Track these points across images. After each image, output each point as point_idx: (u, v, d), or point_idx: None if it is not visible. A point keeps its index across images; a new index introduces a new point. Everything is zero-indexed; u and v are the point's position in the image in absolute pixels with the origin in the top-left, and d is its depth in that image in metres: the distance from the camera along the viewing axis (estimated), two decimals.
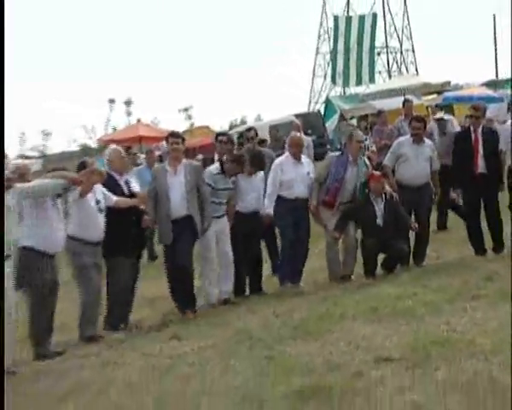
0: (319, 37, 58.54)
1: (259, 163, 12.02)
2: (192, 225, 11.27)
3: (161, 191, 11.28)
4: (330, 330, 8.49)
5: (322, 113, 30.67)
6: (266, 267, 13.04)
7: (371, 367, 6.82)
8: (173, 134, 12.32)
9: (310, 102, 54.84)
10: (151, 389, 7.46)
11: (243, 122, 29.69)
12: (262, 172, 12.23)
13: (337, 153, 13.19)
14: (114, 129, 34.85)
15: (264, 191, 12.32)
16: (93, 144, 27.60)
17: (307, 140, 19.99)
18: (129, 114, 38.89)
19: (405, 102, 19.85)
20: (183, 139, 12.25)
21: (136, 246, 11.63)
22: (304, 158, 12.63)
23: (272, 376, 7.09)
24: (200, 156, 13.45)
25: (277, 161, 12.45)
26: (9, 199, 9.41)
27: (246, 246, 12.01)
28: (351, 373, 6.73)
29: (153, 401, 7.02)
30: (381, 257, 11.97)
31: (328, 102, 28.57)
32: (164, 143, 15.60)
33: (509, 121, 12.88)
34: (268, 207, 12.08)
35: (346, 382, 6.50)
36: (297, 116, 29.71)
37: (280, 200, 12.14)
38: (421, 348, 7.15)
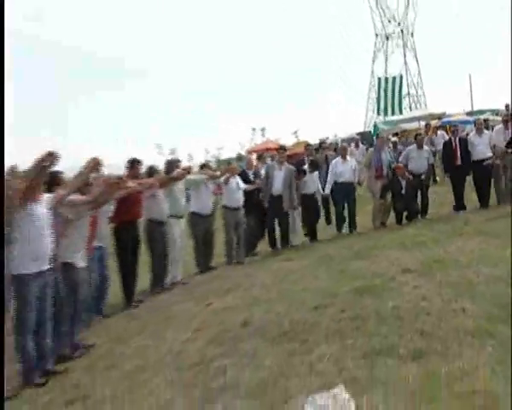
0: (370, 89, 58.43)
1: (316, 166, 12.15)
2: (282, 201, 11.28)
3: (270, 179, 11.39)
4: (375, 254, 8.54)
5: (372, 131, 30.56)
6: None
7: (399, 275, 6.90)
8: (280, 147, 12.55)
9: (365, 124, 54.50)
10: (275, 288, 7.65)
11: (326, 138, 29.83)
12: (317, 171, 12.19)
13: (372, 148, 13.32)
14: (255, 144, 35.46)
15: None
16: (243, 153, 28.05)
17: (363, 147, 19.99)
18: (263, 135, 39.44)
19: (426, 125, 19.83)
20: (286, 150, 12.40)
21: (260, 209, 11.64)
22: (349, 158, 12.56)
23: (342, 280, 7.23)
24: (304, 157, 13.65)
25: (333, 161, 12.42)
26: (181, 184, 9.76)
27: (307, 212, 11.93)
28: (387, 278, 6.84)
29: (276, 294, 7.24)
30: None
31: (375, 125, 28.39)
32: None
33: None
34: (327, 189, 12.14)
35: (385, 283, 6.63)
36: (358, 134, 30.05)
37: (335, 183, 12.15)
38: (428, 263, 7.23)
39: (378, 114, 28.36)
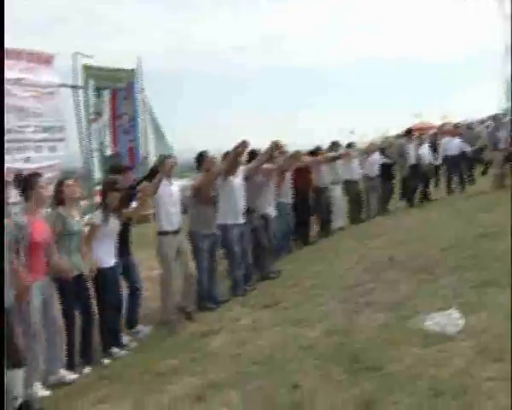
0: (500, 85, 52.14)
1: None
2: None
3: (404, 154, 10.41)
4: (495, 209, 7.91)
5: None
6: None
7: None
8: (407, 131, 11.04)
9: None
10: (415, 232, 7.41)
11: (465, 119, 25.97)
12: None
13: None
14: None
15: None
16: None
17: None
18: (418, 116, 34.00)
19: None
20: (412, 132, 10.99)
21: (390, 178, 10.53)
22: (456, 138, 11.41)
23: (467, 228, 6.87)
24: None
25: (443, 140, 11.42)
26: None
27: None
28: (502, 227, 6.24)
29: (416, 237, 7.02)
30: None
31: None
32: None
33: None
34: (438, 161, 11.31)
35: (500, 230, 6.15)
36: (489, 117, 27.22)
37: (446, 157, 11.22)
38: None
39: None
